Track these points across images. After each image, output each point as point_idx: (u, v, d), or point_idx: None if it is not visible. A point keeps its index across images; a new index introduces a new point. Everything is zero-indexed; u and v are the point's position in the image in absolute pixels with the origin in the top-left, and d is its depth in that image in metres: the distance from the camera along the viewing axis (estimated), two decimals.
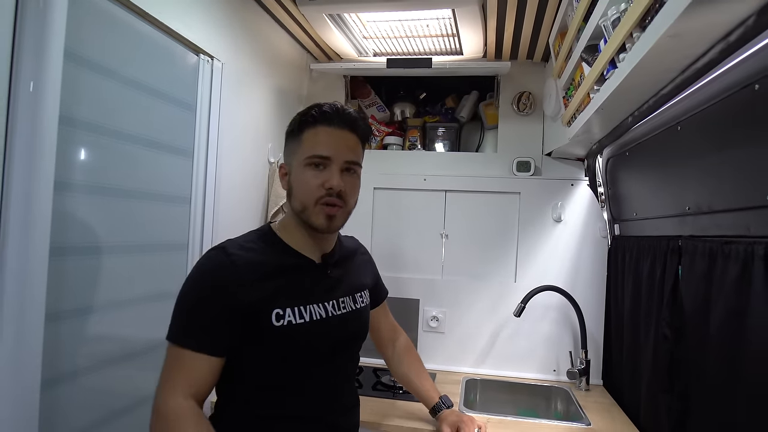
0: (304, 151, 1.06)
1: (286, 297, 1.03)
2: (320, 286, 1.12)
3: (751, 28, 0.83)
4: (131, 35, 1.26)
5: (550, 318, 2.12)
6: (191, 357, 0.96)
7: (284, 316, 1.01)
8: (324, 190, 1.05)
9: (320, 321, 1.07)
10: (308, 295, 1.08)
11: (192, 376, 0.95)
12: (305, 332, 1.04)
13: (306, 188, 1.05)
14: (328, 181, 1.04)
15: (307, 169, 1.05)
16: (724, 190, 1.19)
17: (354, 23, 1.91)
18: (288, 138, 1.13)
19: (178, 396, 0.94)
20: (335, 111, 1.07)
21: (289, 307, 1.03)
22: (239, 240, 1.07)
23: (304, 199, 1.06)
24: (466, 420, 1.39)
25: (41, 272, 0.98)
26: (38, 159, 0.96)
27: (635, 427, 1.62)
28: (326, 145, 1.05)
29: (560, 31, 1.70)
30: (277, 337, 1.00)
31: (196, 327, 0.97)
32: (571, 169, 2.19)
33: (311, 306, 1.07)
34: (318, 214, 1.06)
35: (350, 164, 1.09)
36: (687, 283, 1.34)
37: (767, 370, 0.99)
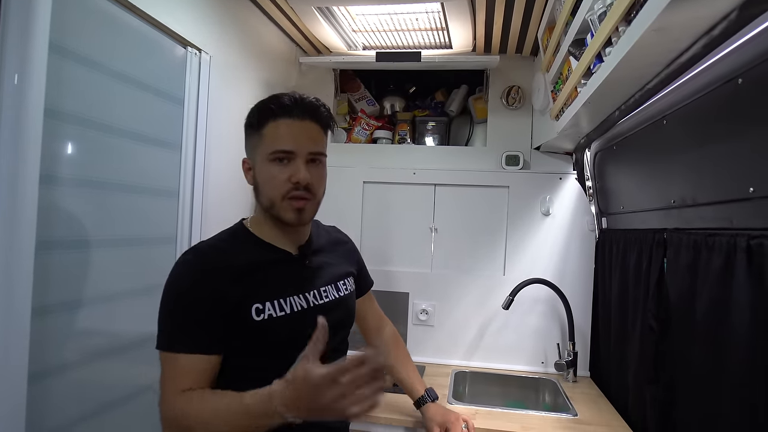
0: (267, 146, 1.03)
1: (265, 291, 1.02)
2: (299, 278, 1.11)
3: (733, 23, 0.84)
4: (118, 28, 1.25)
5: (538, 311, 2.14)
6: (187, 359, 0.95)
7: (264, 310, 1.01)
8: (290, 185, 1.02)
9: (301, 312, 1.06)
10: (287, 288, 1.06)
11: (192, 377, 0.95)
12: (286, 324, 1.03)
13: (272, 184, 1.03)
14: (294, 176, 1.02)
15: (272, 164, 1.03)
16: (708, 183, 1.21)
17: (343, 16, 1.91)
18: (248, 131, 1.11)
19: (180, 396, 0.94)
20: (294, 102, 1.04)
21: (269, 300, 1.02)
22: (212, 241, 1.07)
23: (272, 195, 1.04)
24: (452, 418, 1.40)
25: (27, 266, 0.97)
26: (23, 152, 0.96)
27: (621, 417, 1.64)
28: (289, 138, 1.03)
29: (548, 25, 1.71)
30: (258, 331, 1.00)
31: (185, 329, 0.96)
32: (559, 163, 2.21)
33: (291, 298, 1.05)
34: (287, 208, 1.04)
35: (315, 155, 1.06)
36: (672, 275, 1.36)
37: (750, 359, 1.01)
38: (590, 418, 1.63)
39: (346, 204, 2.28)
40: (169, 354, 0.95)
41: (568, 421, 1.61)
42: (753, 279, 1.01)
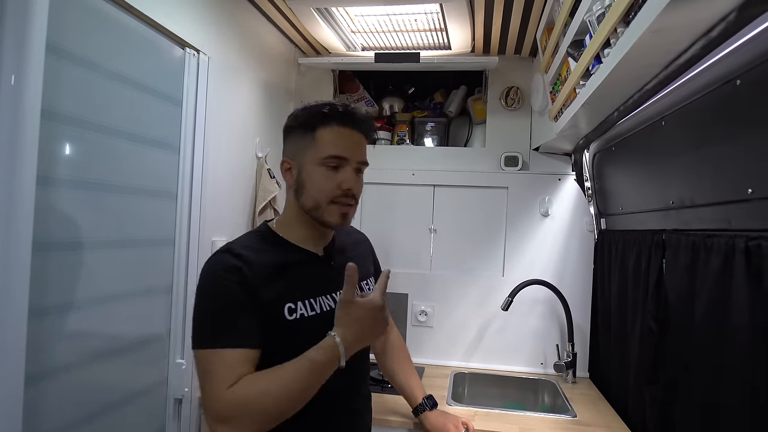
0: (320, 150, 1.05)
1: (296, 291, 1.05)
2: (326, 278, 1.13)
3: (732, 24, 0.84)
4: (115, 28, 1.25)
5: (537, 312, 2.14)
6: (234, 354, 0.95)
7: (296, 309, 1.03)
8: (340, 190, 1.06)
9: (329, 312, 1.08)
10: (316, 288, 1.09)
11: (238, 371, 0.95)
12: (317, 324, 1.04)
13: (321, 187, 1.06)
14: (344, 182, 1.06)
15: (323, 168, 1.06)
16: (707, 184, 1.21)
17: (342, 17, 1.91)
18: (294, 132, 1.11)
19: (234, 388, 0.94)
20: (349, 112, 1.08)
21: (300, 300, 1.04)
22: (242, 241, 1.07)
23: (318, 198, 1.07)
24: (451, 426, 1.41)
25: (24, 268, 0.97)
26: (20, 153, 0.95)
27: (620, 418, 1.64)
28: (343, 146, 1.06)
29: (547, 26, 1.71)
30: (290, 330, 1.02)
31: (229, 325, 0.97)
32: (558, 164, 2.21)
33: (320, 298, 1.08)
34: (332, 212, 1.07)
35: (362, 164, 1.11)
36: (671, 276, 1.36)
37: (749, 359, 1.00)
38: (589, 420, 1.63)
39: None
40: (213, 351, 0.95)
41: (567, 422, 1.61)
42: (751, 280, 1.01)
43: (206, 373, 0.95)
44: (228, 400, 0.91)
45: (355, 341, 0.97)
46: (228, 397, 0.91)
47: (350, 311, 0.97)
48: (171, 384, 1.52)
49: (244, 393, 0.92)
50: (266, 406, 0.92)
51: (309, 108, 1.09)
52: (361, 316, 0.97)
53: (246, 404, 0.91)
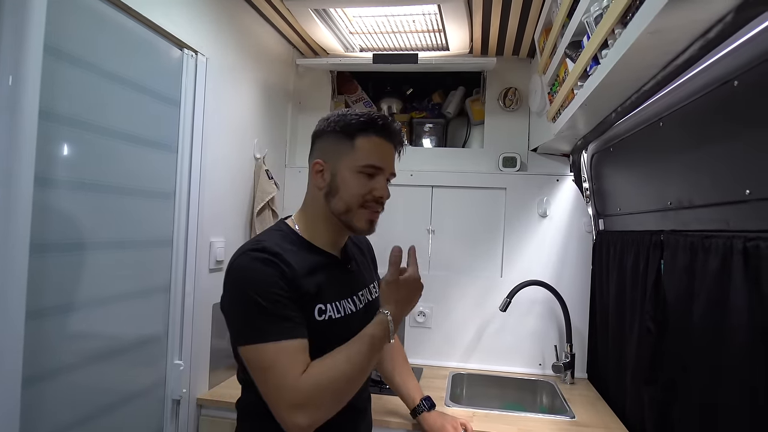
0: (359, 158, 1.09)
1: (327, 293, 1.08)
2: (347, 281, 1.17)
3: (729, 25, 0.84)
4: (113, 29, 1.25)
5: (535, 312, 2.14)
6: (292, 345, 0.97)
7: (326, 311, 1.06)
8: (371, 197, 1.11)
9: (351, 315, 1.12)
10: (342, 291, 1.13)
11: (302, 359, 0.97)
12: (342, 326, 1.08)
13: (354, 193, 1.09)
14: (378, 191, 1.11)
15: (359, 175, 1.09)
16: (705, 185, 1.21)
17: (340, 18, 1.91)
18: (329, 137, 1.12)
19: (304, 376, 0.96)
20: (388, 124, 1.12)
21: (329, 302, 1.08)
22: (271, 240, 1.07)
23: (351, 202, 1.10)
24: (450, 422, 1.42)
25: (21, 269, 0.97)
26: (18, 154, 0.95)
27: (618, 419, 1.64)
28: (381, 156, 1.10)
29: (545, 27, 1.71)
30: (319, 331, 1.03)
31: (282, 318, 0.98)
32: (556, 165, 2.21)
33: (344, 301, 1.12)
34: (361, 217, 1.11)
35: (392, 176, 1.16)
36: (669, 277, 1.36)
37: (747, 360, 1.01)
38: (588, 420, 1.63)
39: None
40: (273, 344, 0.96)
41: (565, 423, 1.61)
42: (749, 281, 1.01)
43: (269, 367, 0.96)
44: (302, 388, 0.94)
45: (401, 314, 1.07)
46: (302, 385, 0.94)
47: (398, 289, 1.07)
48: (169, 385, 1.52)
49: (319, 377, 0.96)
50: (340, 385, 0.98)
51: (348, 115, 1.11)
52: (404, 294, 1.08)
53: (323, 387, 0.95)
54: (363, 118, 1.10)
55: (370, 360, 1.02)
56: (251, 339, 0.97)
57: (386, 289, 1.06)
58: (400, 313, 1.07)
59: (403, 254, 1.11)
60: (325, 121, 1.14)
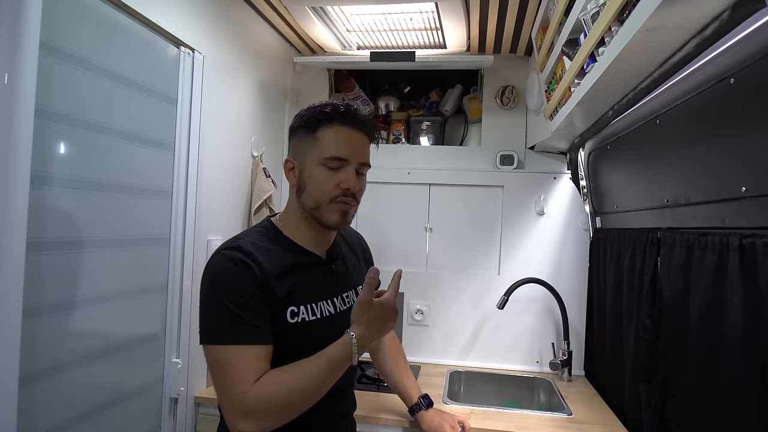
0: (322, 150, 1.06)
1: (300, 295, 1.05)
2: (328, 283, 1.14)
3: (726, 23, 0.85)
4: (109, 27, 1.24)
5: (533, 310, 2.15)
6: (253, 350, 0.96)
7: (298, 313, 1.04)
8: (339, 190, 1.06)
9: (329, 317, 1.10)
10: (319, 293, 1.10)
11: (259, 366, 0.96)
12: (317, 329, 1.06)
13: (322, 187, 1.06)
14: (344, 183, 1.06)
15: (324, 168, 1.06)
16: (701, 182, 1.21)
17: (337, 16, 1.91)
18: (297, 133, 1.11)
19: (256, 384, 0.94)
20: (352, 112, 1.08)
21: (303, 304, 1.05)
22: (248, 239, 1.06)
23: (319, 198, 1.06)
24: (447, 425, 1.41)
25: (18, 267, 0.96)
26: (14, 152, 0.95)
27: (616, 416, 1.65)
28: (345, 146, 1.06)
29: (542, 25, 1.71)
30: (291, 333, 1.02)
31: (245, 321, 0.96)
32: (553, 163, 2.21)
33: (321, 303, 1.09)
34: (332, 211, 1.07)
35: (363, 165, 1.11)
36: (666, 274, 1.37)
37: (743, 357, 1.01)
38: (585, 417, 1.63)
39: None
40: (232, 347, 0.95)
41: (562, 420, 1.61)
42: (745, 278, 1.01)
43: (225, 370, 0.95)
44: (253, 397, 0.93)
45: (369, 338, 1.02)
46: (253, 394, 0.93)
47: (368, 311, 1.02)
48: (166, 383, 1.52)
49: (270, 389, 0.94)
50: (291, 399, 0.95)
51: (312, 108, 1.09)
52: (376, 317, 1.02)
53: (272, 399, 0.94)
54: (325, 109, 1.06)
55: (328, 379, 0.99)
56: (213, 339, 0.97)
57: (357, 309, 1.03)
58: (368, 335, 1.02)
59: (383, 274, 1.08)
60: (295, 117, 1.12)
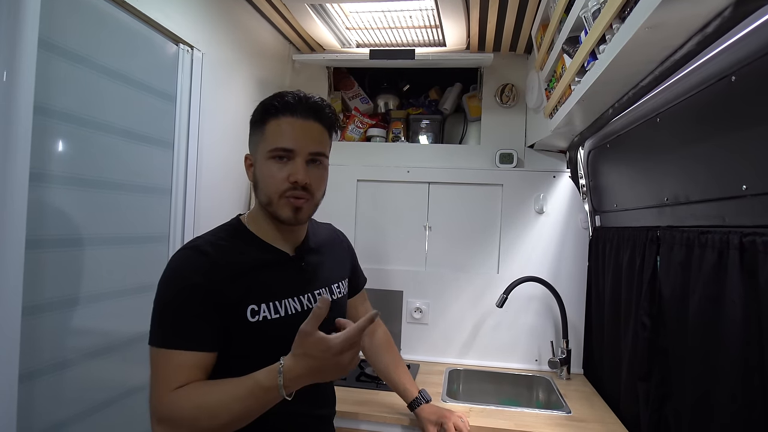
0: (268, 143, 1.02)
1: (261, 293, 1.02)
2: (294, 280, 1.10)
3: (727, 20, 0.84)
4: (109, 24, 1.24)
5: (532, 309, 2.15)
6: (182, 356, 0.92)
7: (259, 311, 1.00)
8: (288, 183, 1.01)
9: (295, 315, 1.05)
10: (283, 290, 1.06)
11: (186, 375, 0.92)
12: (280, 327, 1.02)
13: (271, 182, 1.02)
14: (293, 175, 1.01)
15: (271, 162, 1.02)
16: (701, 181, 1.21)
17: (336, 14, 1.90)
18: (251, 128, 1.09)
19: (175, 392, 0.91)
20: (298, 100, 1.03)
21: (264, 302, 1.01)
22: (209, 237, 1.04)
23: (269, 193, 1.03)
24: (447, 415, 1.41)
25: (17, 265, 0.96)
26: (13, 150, 0.94)
27: (614, 414, 1.65)
28: (290, 137, 1.01)
29: (542, 22, 1.71)
30: (252, 332, 0.99)
31: (180, 325, 0.94)
32: (553, 161, 2.21)
33: (286, 300, 1.05)
34: (284, 206, 1.03)
35: (315, 155, 1.04)
36: (665, 273, 1.37)
37: (742, 355, 1.01)
38: (583, 415, 1.63)
39: (340, 202, 2.28)
40: (163, 350, 0.93)
41: (561, 418, 1.61)
42: (745, 276, 1.01)
43: (154, 370, 0.93)
44: (166, 404, 0.90)
45: (303, 375, 0.88)
46: (167, 401, 0.90)
47: (304, 344, 0.87)
48: None
49: (181, 401, 0.89)
50: (198, 419, 0.89)
51: (263, 101, 1.06)
52: (313, 354, 0.87)
53: (181, 411, 0.89)
54: (274, 101, 1.03)
55: (248, 407, 0.89)
56: (150, 339, 0.95)
57: (296, 338, 0.88)
58: (298, 371, 0.87)
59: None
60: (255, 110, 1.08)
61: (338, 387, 1.74)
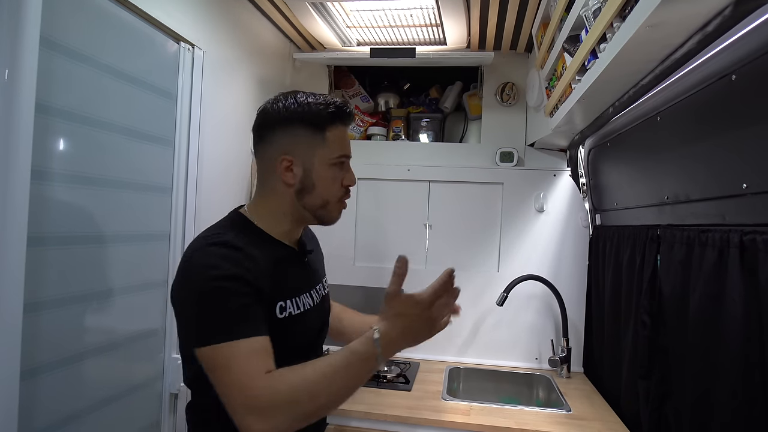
0: (332, 150, 1.04)
1: (285, 289, 1.02)
2: (305, 275, 1.12)
3: (728, 19, 0.85)
4: (110, 22, 1.24)
5: (532, 307, 2.15)
6: (249, 343, 0.88)
7: (285, 308, 1.00)
8: (344, 189, 1.08)
9: (310, 310, 1.07)
10: (299, 286, 1.07)
11: (261, 360, 0.88)
12: (299, 323, 1.03)
13: (334, 186, 1.06)
14: (348, 179, 1.08)
15: (335, 168, 1.06)
16: (701, 179, 1.21)
17: (337, 12, 1.90)
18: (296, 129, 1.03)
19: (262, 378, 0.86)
20: (350, 111, 1.08)
21: (288, 299, 1.02)
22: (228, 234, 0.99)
23: (329, 196, 1.06)
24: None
25: (19, 262, 0.96)
26: (14, 148, 0.95)
27: (614, 412, 1.65)
28: (347, 144, 1.08)
29: (543, 21, 1.71)
30: (278, 329, 0.98)
31: (237, 315, 0.89)
32: (553, 160, 2.21)
33: (303, 296, 1.06)
34: (337, 209, 1.09)
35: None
36: (665, 271, 1.37)
37: (743, 353, 1.01)
38: (583, 413, 1.64)
39: None
40: (228, 344, 0.87)
41: (561, 416, 1.62)
42: (745, 274, 1.01)
43: (226, 367, 0.87)
44: (257, 392, 0.85)
45: (398, 338, 0.89)
46: (257, 388, 0.85)
47: (395, 304, 0.90)
48: (167, 379, 1.52)
49: (275, 385, 0.85)
50: (297, 401, 0.85)
51: (313, 105, 1.03)
52: (406, 313, 0.90)
53: (276, 396, 0.85)
54: (332, 109, 1.03)
55: (344, 383, 0.88)
56: (212, 338, 0.88)
57: (383, 303, 0.92)
58: (395, 334, 0.89)
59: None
60: (282, 110, 1.03)
61: None
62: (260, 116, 1.07)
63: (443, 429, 1.53)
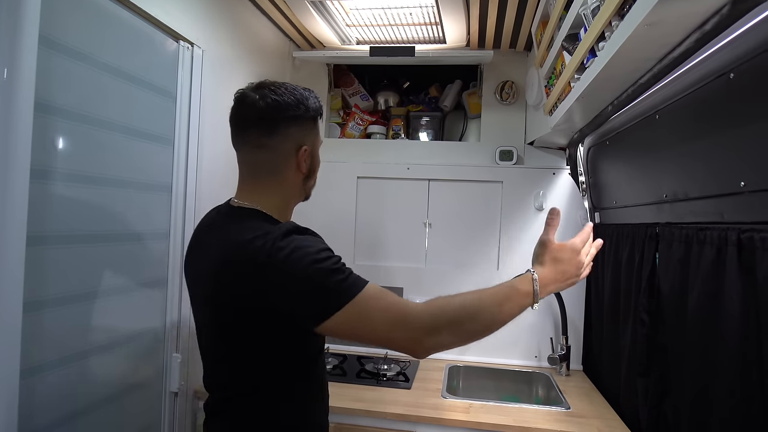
0: (319, 137, 1.14)
1: None
2: None
3: (725, 18, 0.85)
4: (109, 21, 1.24)
5: None
6: (377, 286, 0.96)
7: None
8: None
9: None
10: None
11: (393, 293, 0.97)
12: None
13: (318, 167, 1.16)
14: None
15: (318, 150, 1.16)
16: (700, 177, 1.22)
17: (336, 11, 1.90)
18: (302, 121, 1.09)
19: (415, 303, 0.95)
20: None
21: None
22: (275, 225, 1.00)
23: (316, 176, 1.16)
24: None
25: (18, 261, 0.97)
26: (13, 147, 0.95)
27: (613, 409, 1.66)
28: None
29: (542, 20, 1.71)
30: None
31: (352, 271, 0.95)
32: (552, 158, 2.21)
33: None
34: None
35: None
36: (664, 269, 1.37)
37: (741, 350, 1.02)
38: (583, 411, 1.64)
39: (340, 199, 2.28)
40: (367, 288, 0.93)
41: (560, 414, 1.62)
42: (743, 272, 1.02)
43: (381, 305, 0.93)
44: (423, 311, 0.94)
45: (551, 280, 1.03)
46: (422, 308, 0.94)
47: (551, 250, 1.04)
48: (167, 377, 1.52)
49: (441, 305, 0.95)
50: (461, 321, 0.95)
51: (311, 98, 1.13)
52: (560, 257, 1.04)
53: (442, 314, 0.94)
54: (320, 101, 1.15)
55: (502, 311, 0.98)
56: (350, 291, 0.90)
57: (537, 249, 1.07)
58: (550, 277, 1.03)
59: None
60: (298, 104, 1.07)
61: (338, 384, 1.75)
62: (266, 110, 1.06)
63: (443, 426, 1.54)
